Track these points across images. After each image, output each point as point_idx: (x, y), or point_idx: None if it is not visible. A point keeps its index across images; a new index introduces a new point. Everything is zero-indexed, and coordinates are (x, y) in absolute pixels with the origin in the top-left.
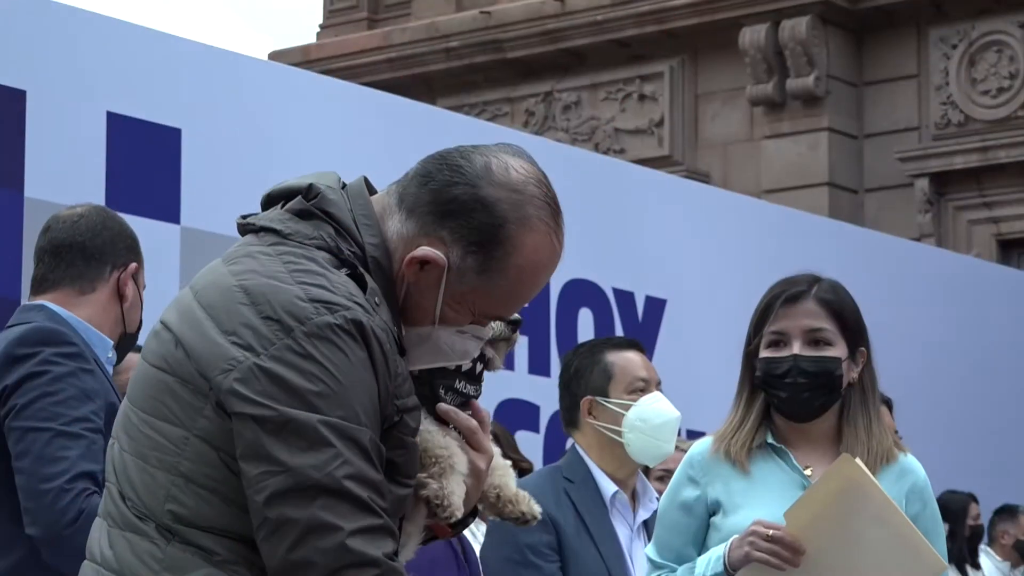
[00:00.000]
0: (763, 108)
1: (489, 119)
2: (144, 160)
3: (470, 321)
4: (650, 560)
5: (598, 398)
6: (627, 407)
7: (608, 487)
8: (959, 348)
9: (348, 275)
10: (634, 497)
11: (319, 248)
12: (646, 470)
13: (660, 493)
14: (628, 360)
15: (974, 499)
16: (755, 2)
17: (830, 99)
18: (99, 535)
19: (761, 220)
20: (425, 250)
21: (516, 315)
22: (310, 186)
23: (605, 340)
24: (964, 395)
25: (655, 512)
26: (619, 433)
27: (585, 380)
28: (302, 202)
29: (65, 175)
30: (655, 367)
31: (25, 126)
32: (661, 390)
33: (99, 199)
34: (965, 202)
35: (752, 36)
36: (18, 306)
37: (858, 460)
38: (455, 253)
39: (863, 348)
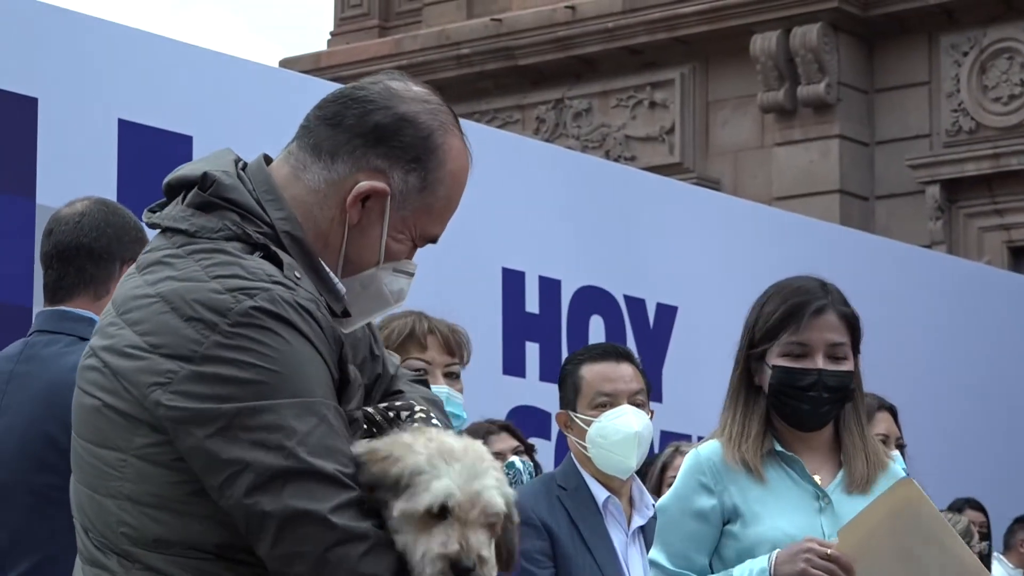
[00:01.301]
0: (774, 115)
1: (500, 126)
2: (155, 167)
3: (409, 251)
4: (660, 567)
5: (570, 412)
6: (589, 423)
7: (600, 493)
8: (970, 355)
9: (262, 257)
10: (631, 503)
11: (228, 239)
12: (643, 474)
13: None
14: (596, 374)
15: (974, 506)
16: (766, 9)
17: (841, 106)
18: (76, 573)
19: (772, 227)
20: (365, 184)
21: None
22: (204, 175)
23: (589, 349)
24: (974, 402)
25: (652, 518)
26: (586, 447)
27: (564, 393)
28: (200, 194)
29: (77, 182)
30: (666, 375)
31: (37, 133)
32: (641, 401)
33: None
34: (976, 209)
35: (763, 43)
36: (30, 314)
37: (916, 483)
38: (396, 177)
39: (858, 356)
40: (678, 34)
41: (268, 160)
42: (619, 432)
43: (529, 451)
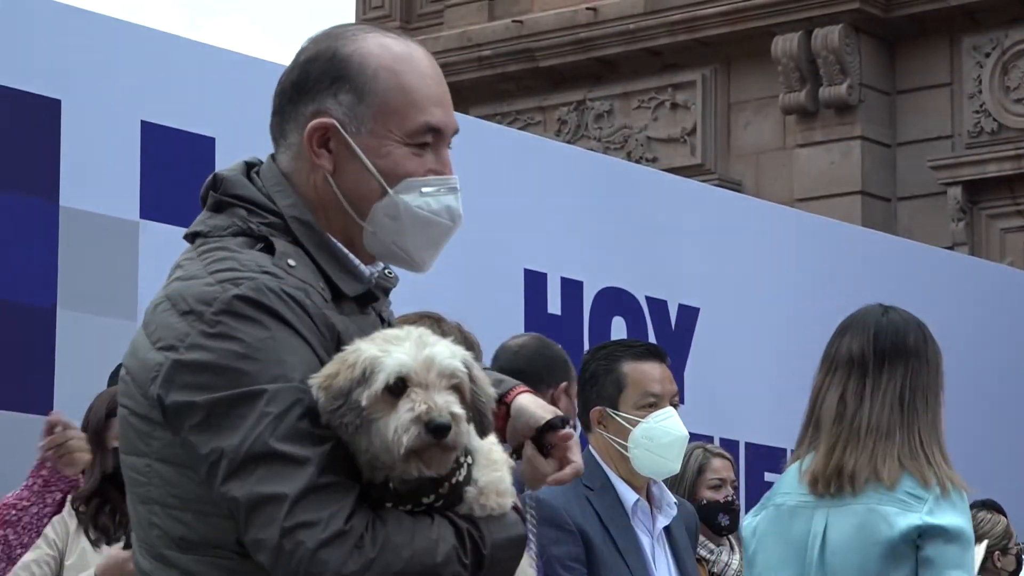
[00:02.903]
0: (796, 116)
1: (522, 128)
2: (178, 169)
3: (410, 157)
4: None
5: (608, 409)
6: (635, 423)
7: (629, 495)
8: (991, 356)
9: (261, 248)
10: (650, 502)
11: (235, 235)
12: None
13: (714, 503)
14: (643, 373)
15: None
16: (788, 11)
17: (863, 107)
18: None
19: (794, 229)
20: (307, 127)
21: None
22: (214, 177)
23: (626, 346)
24: (996, 404)
25: (675, 518)
26: (625, 447)
27: (598, 387)
28: (213, 195)
29: (100, 184)
30: (688, 376)
31: (60, 135)
32: (677, 403)
33: (133, 208)
34: (998, 210)
35: (785, 44)
36: (52, 315)
37: None
38: (330, 107)
39: None
40: (699, 36)
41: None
42: (668, 435)
43: None
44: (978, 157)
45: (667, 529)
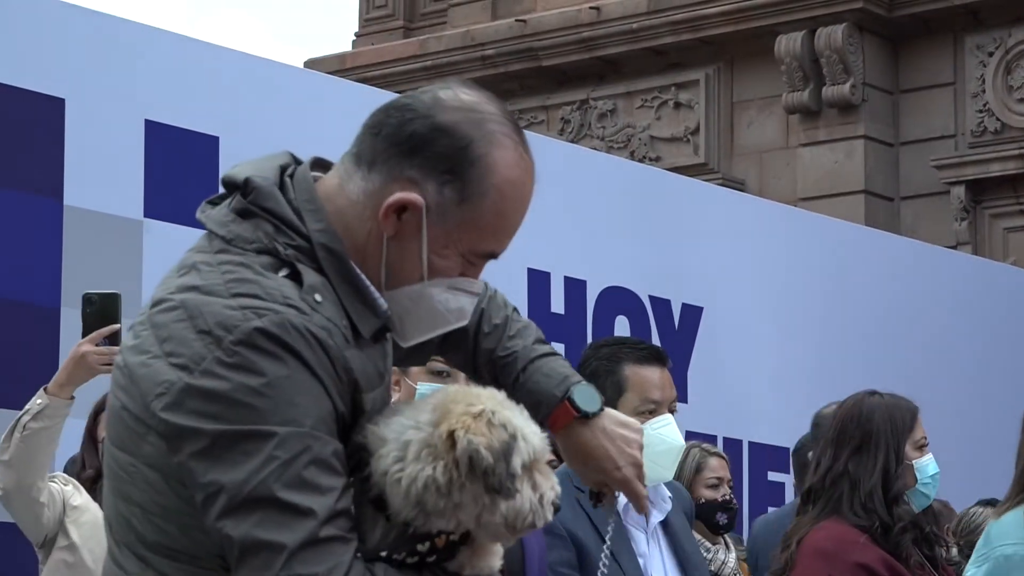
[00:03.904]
0: (799, 116)
1: (525, 127)
2: (182, 168)
3: (460, 267)
4: None
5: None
6: None
7: (621, 496)
8: (994, 355)
9: (288, 275)
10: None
11: (259, 252)
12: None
13: (711, 502)
14: (644, 378)
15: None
16: (791, 10)
17: (866, 107)
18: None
19: (797, 228)
20: (398, 195)
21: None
22: (246, 180)
23: (629, 346)
24: (999, 402)
25: (671, 510)
26: None
27: (598, 387)
28: (241, 200)
29: (103, 183)
30: (691, 375)
31: (64, 134)
32: (675, 409)
33: (137, 207)
34: (1001, 209)
35: (788, 44)
36: (57, 314)
37: None
38: (430, 189)
39: None
40: (703, 35)
41: (319, 163)
42: (664, 443)
43: None
44: (981, 156)
45: (664, 521)
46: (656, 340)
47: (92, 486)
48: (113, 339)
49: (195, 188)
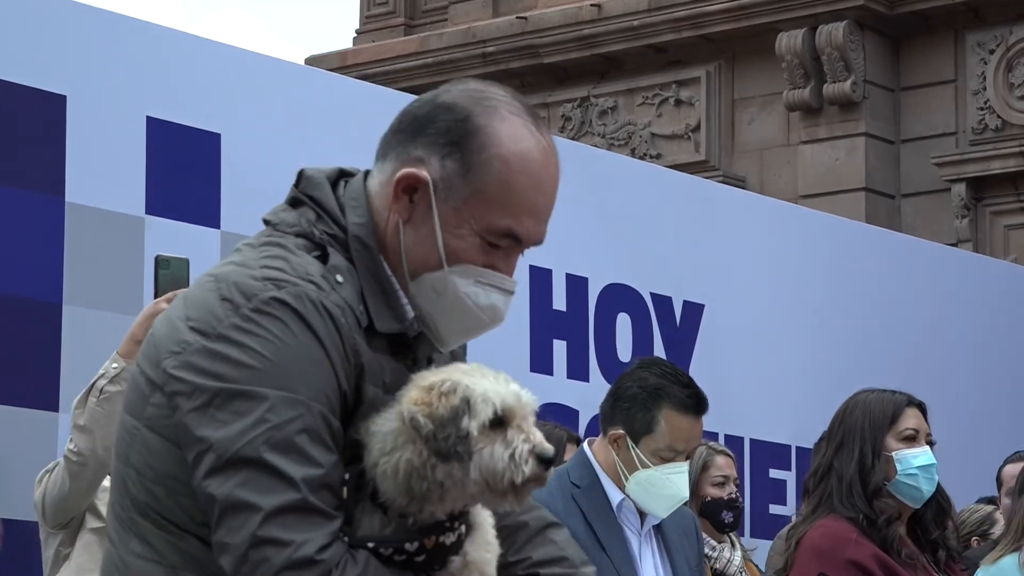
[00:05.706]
0: (800, 113)
1: None
2: (184, 165)
3: (480, 249)
4: None
5: (628, 438)
6: (646, 465)
7: (616, 494)
8: (996, 352)
9: (317, 256)
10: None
11: (298, 235)
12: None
13: (717, 500)
14: (676, 427)
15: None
16: (792, 7)
17: (867, 104)
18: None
19: (798, 225)
20: (401, 172)
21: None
22: (300, 172)
23: (672, 387)
24: (1002, 399)
25: (665, 519)
26: (627, 475)
27: (629, 416)
28: (293, 189)
29: (105, 180)
30: (692, 373)
31: (65, 131)
32: (692, 455)
33: (139, 204)
34: (1002, 207)
35: (789, 41)
36: (59, 311)
37: None
38: (434, 165)
39: None
40: (704, 32)
41: (343, 173)
42: (670, 489)
43: None
44: (982, 154)
45: (658, 528)
46: (657, 337)
47: None
48: None
49: (197, 185)
